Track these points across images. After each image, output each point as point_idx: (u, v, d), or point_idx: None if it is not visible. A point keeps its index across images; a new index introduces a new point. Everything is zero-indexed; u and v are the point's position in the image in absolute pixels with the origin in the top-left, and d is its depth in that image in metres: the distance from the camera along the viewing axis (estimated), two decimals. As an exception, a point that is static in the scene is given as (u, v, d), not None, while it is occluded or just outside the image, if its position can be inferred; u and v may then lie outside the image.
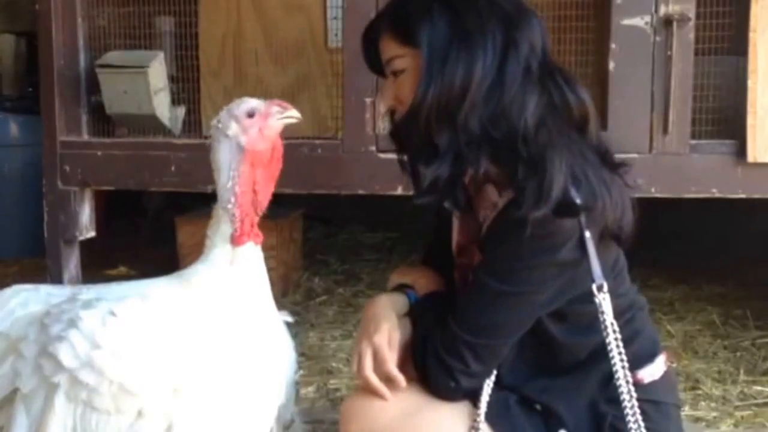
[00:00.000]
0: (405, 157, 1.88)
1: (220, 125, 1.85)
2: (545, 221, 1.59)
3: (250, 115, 1.83)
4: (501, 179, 1.72)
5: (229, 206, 1.85)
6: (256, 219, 1.87)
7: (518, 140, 1.65)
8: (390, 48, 1.77)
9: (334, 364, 3.30)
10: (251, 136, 1.82)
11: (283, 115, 1.85)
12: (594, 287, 1.67)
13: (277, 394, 1.89)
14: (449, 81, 1.67)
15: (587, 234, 1.63)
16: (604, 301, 1.68)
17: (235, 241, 1.84)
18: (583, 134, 1.74)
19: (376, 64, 1.86)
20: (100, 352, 1.72)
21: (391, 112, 1.88)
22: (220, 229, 1.87)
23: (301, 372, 3.19)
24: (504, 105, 1.66)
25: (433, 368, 1.71)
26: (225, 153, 1.84)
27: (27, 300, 1.94)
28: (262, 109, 1.84)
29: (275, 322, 1.94)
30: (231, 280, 1.84)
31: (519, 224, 1.60)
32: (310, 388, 3.07)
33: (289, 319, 2.03)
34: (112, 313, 1.76)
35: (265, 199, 1.86)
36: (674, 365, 1.89)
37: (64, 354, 1.73)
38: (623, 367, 1.68)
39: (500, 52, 1.67)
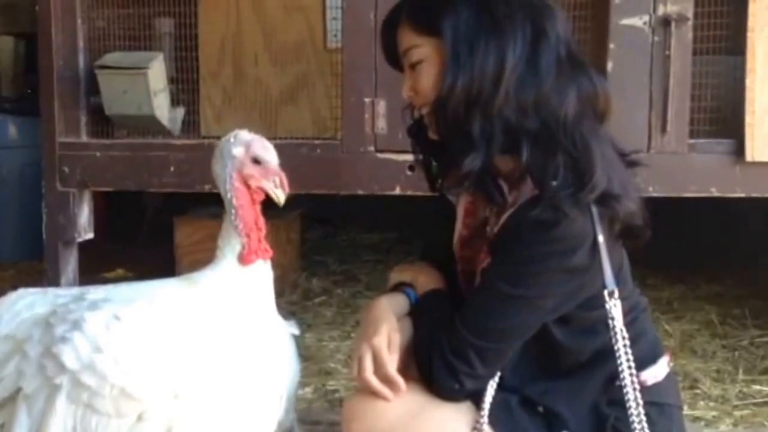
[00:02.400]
0: (420, 155, 1.90)
1: (232, 140, 1.88)
2: (562, 220, 1.59)
3: (257, 161, 1.87)
4: (513, 175, 1.72)
5: (232, 217, 1.87)
6: (263, 234, 1.88)
7: (559, 130, 1.63)
8: (408, 38, 1.74)
9: (332, 365, 3.30)
10: (243, 172, 1.87)
11: (273, 187, 1.87)
12: (606, 293, 1.68)
13: (279, 405, 1.89)
14: (480, 69, 1.64)
15: (600, 238, 1.63)
16: (614, 307, 1.68)
17: (244, 259, 1.86)
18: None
19: (394, 57, 1.83)
20: (102, 356, 1.73)
21: (410, 110, 1.87)
22: (231, 241, 1.88)
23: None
24: (543, 94, 1.64)
25: (437, 369, 1.70)
26: (222, 167, 1.88)
27: (34, 302, 1.94)
28: (268, 166, 1.87)
29: (281, 335, 1.95)
30: (238, 292, 1.86)
31: (537, 224, 1.60)
32: (308, 389, 3.06)
33: (296, 331, 2.04)
34: (117, 317, 1.77)
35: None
36: (672, 365, 1.89)
37: (67, 355, 1.74)
38: (631, 375, 1.68)
39: (531, 40, 1.65)
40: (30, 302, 1.94)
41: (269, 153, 1.89)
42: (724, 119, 3.00)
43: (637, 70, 2.91)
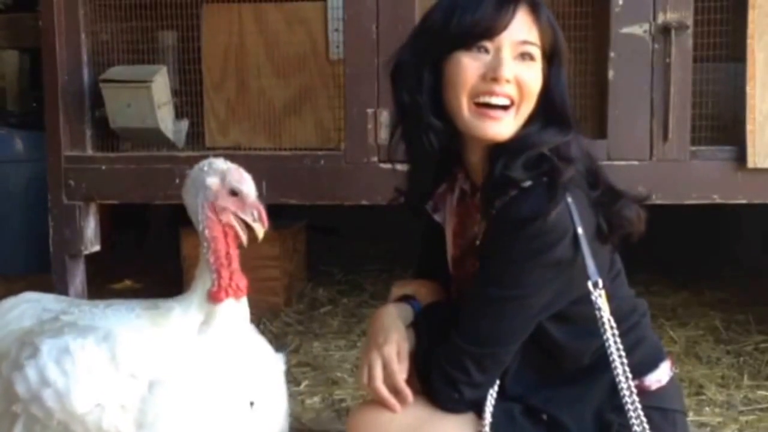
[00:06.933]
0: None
1: (206, 169, 1.81)
2: (540, 214, 1.62)
3: (234, 193, 1.79)
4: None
5: (204, 251, 1.79)
6: (235, 270, 1.79)
7: None
8: (531, 33, 1.73)
9: (338, 374, 3.31)
10: (217, 203, 1.79)
11: (252, 220, 1.78)
12: (590, 284, 1.68)
13: None
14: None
15: (580, 230, 1.65)
16: (599, 297, 1.69)
17: (213, 297, 1.76)
18: None
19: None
20: (48, 390, 1.70)
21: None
22: (203, 274, 1.80)
23: (306, 382, 3.20)
24: None
25: (436, 381, 1.72)
26: (194, 197, 1.81)
27: (23, 313, 1.93)
28: (246, 199, 1.78)
29: (256, 375, 1.87)
30: (204, 332, 1.78)
31: (515, 223, 1.63)
32: (315, 399, 3.07)
33: (282, 366, 1.99)
34: (68, 350, 1.72)
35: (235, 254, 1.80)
36: (677, 371, 1.89)
37: (19, 384, 1.72)
38: (622, 364, 1.69)
39: None
40: (21, 312, 1.93)
41: (247, 184, 1.79)
42: (725, 126, 3.01)
43: (638, 79, 2.92)
